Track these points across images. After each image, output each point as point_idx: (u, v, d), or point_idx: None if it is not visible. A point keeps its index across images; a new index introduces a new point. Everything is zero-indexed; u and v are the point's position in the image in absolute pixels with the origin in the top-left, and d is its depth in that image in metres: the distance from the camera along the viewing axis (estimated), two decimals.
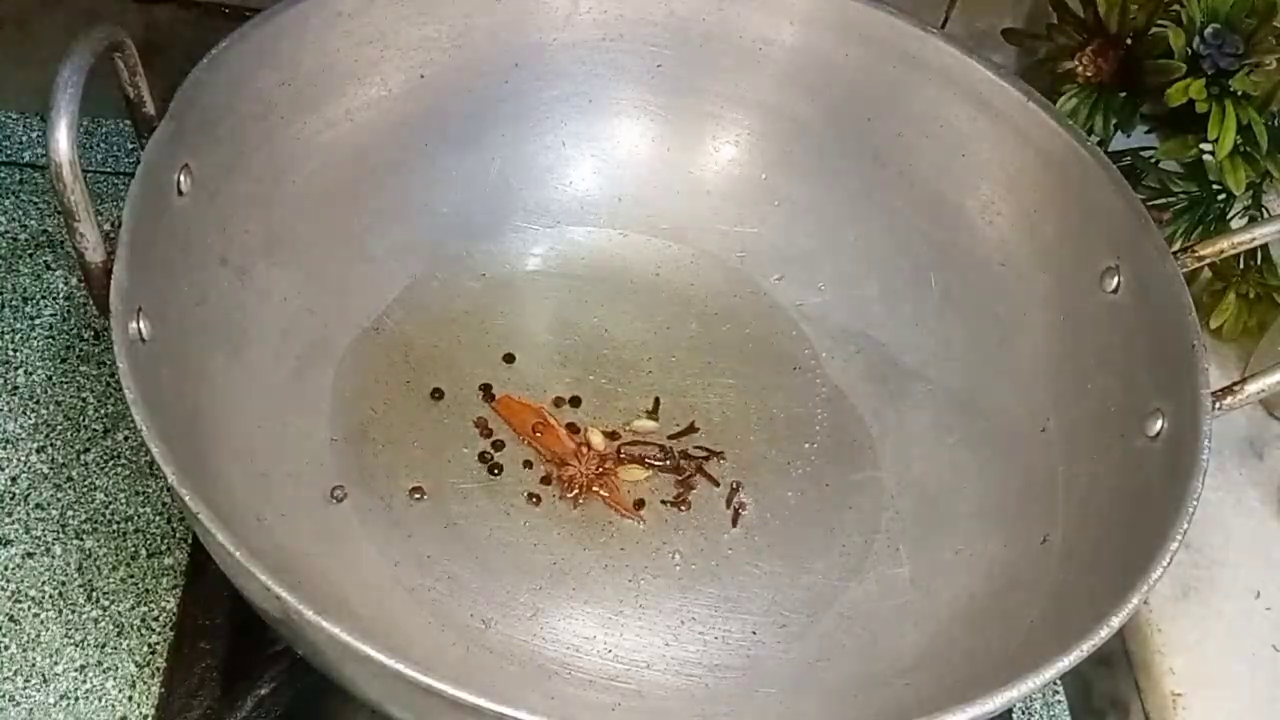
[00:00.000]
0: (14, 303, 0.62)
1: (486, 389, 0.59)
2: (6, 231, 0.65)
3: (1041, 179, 0.59)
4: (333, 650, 0.39)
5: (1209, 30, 0.60)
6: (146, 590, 0.54)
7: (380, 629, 0.49)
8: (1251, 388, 0.50)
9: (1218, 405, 0.50)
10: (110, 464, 0.58)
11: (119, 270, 0.44)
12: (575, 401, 0.59)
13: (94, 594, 0.54)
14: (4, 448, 0.57)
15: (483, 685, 0.37)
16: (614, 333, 0.63)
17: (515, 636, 0.51)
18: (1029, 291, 0.59)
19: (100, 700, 0.51)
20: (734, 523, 0.56)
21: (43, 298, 0.63)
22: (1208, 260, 0.55)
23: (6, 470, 0.57)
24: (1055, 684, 0.60)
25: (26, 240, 0.65)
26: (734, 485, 0.57)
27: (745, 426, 0.60)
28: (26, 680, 0.51)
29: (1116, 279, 0.55)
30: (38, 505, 0.56)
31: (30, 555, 0.54)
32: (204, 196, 0.51)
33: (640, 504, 0.56)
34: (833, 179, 0.65)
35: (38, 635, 0.52)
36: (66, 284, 0.63)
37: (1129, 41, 0.64)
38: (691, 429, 0.59)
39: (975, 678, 0.46)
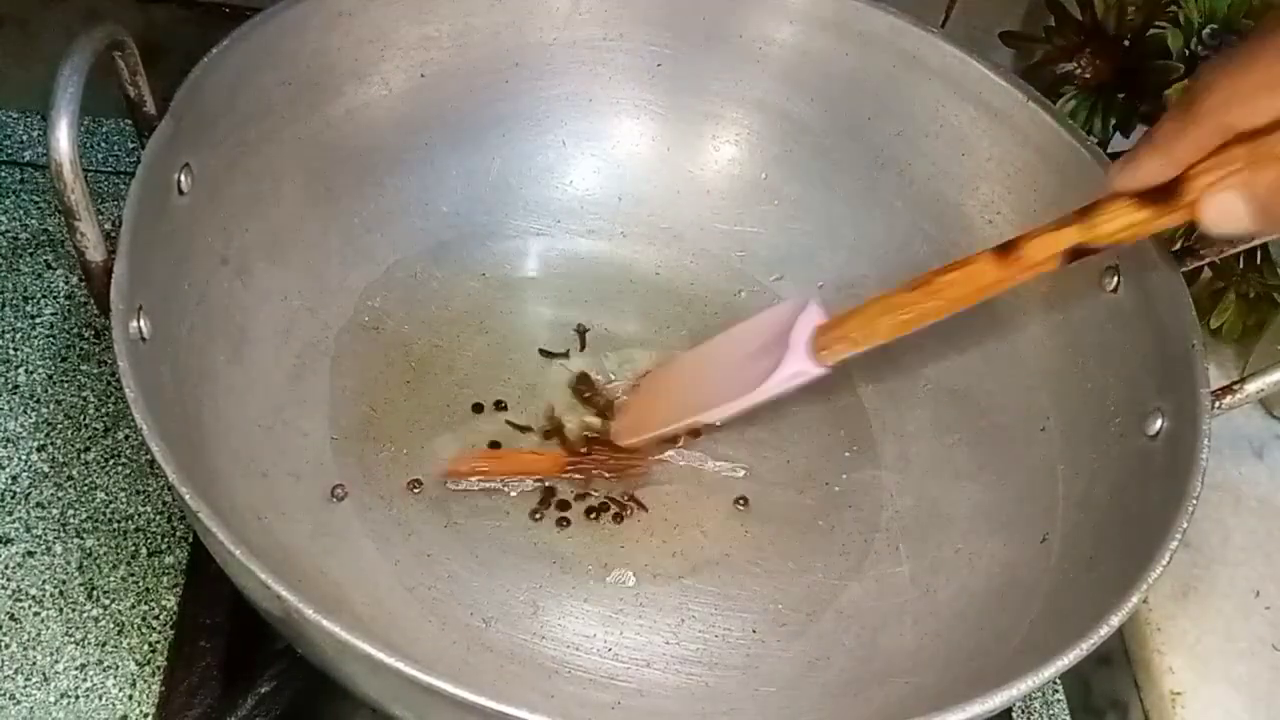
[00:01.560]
0: (15, 302, 0.62)
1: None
2: (7, 231, 0.65)
3: (1041, 179, 0.59)
4: (333, 649, 0.39)
5: (1207, 31, 0.60)
6: (147, 589, 0.54)
7: (380, 627, 0.49)
8: (1251, 387, 0.50)
9: (1217, 405, 0.50)
10: (111, 463, 0.58)
11: (119, 269, 0.44)
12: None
13: (94, 592, 0.54)
14: (5, 446, 0.57)
15: (483, 683, 0.37)
16: (614, 332, 0.63)
17: (515, 635, 0.51)
18: (1029, 291, 0.59)
19: (101, 699, 0.51)
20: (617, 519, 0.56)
21: (43, 297, 0.63)
22: (1208, 260, 0.55)
23: (7, 469, 0.57)
24: (1055, 683, 0.61)
25: (27, 239, 0.65)
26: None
27: (745, 426, 0.60)
28: (27, 679, 0.51)
29: (1116, 279, 0.55)
30: (38, 504, 0.56)
31: (31, 554, 0.54)
32: (204, 196, 0.51)
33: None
34: (833, 179, 0.65)
35: (38, 634, 0.52)
36: (67, 283, 0.64)
37: (1127, 43, 0.64)
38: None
39: (975, 676, 0.46)
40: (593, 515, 0.56)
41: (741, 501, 0.57)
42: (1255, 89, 0.41)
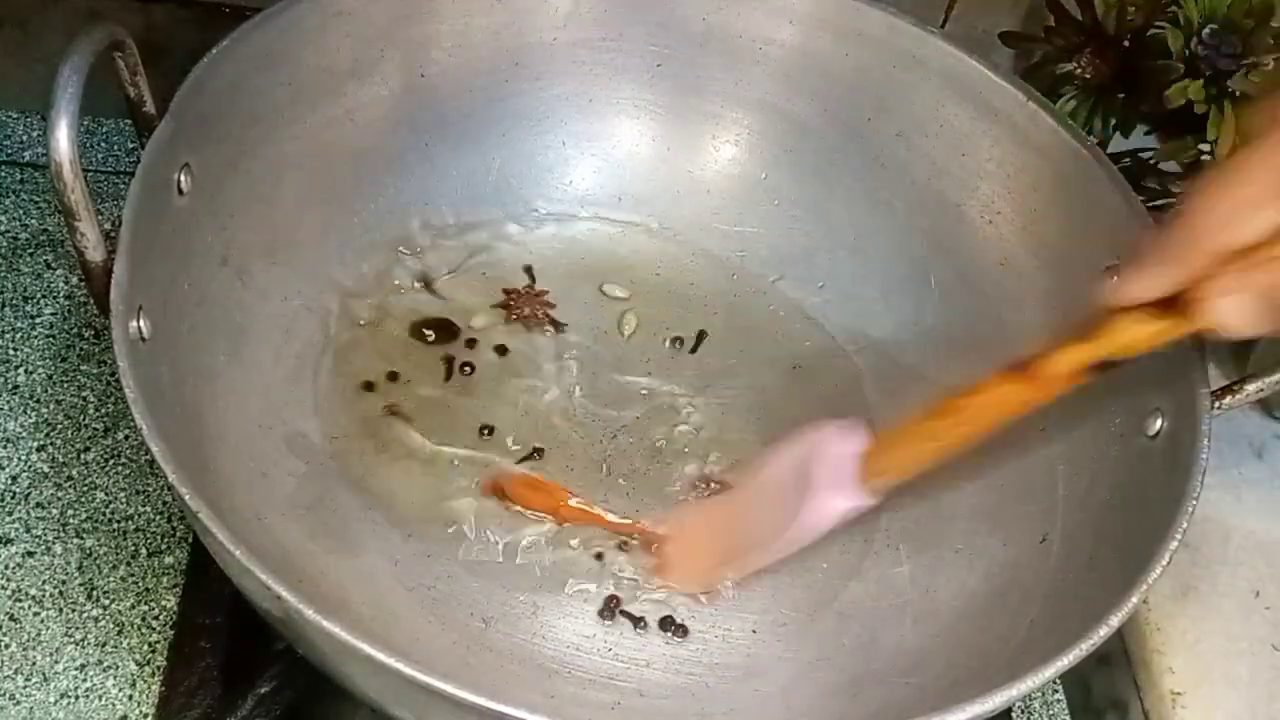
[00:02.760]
0: (14, 302, 0.62)
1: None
2: (7, 231, 0.65)
3: (1041, 179, 0.59)
4: (333, 649, 0.39)
5: (1207, 31, 0.60)
6: (147, 589, 0.54)
7: (380, 628, 0.49)
8: (1251, 387, 0.50)
9: (1218, 405, 0.50)
10: (110, 463, 0.58)
11: (119, 269, 0.44)
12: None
13: (94, 593, 0.54)
14: (4, 447, 0.57)
15: (483, 684, 0.37)
16: (614, 333, 0.63)
17: (515, 635, 0.51)
18: (1029, 291, 0.59)
19: (100, 699, 0.51)
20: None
21: (43, 297, 0.63)
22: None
23: (7, 469, 0.57)
24: (1054, 683, 0.60)
25: (27, 239, 0.65)
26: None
27: (745, 426, 0.60)
28: (27, 679, 0.51)
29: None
30: (38, 504, 0.56)
31: (31, 554, 0.54)
32: (204, 196, 0.51)
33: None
34: (833, 179, 0.65)
35: (38, 634, 0.52)
36: (67, 283, 0.63)
37: (1127, 43, 0.64)
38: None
39: (975, 676, 0.47)
40: None
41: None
42: (1245, 206, 0.41)
